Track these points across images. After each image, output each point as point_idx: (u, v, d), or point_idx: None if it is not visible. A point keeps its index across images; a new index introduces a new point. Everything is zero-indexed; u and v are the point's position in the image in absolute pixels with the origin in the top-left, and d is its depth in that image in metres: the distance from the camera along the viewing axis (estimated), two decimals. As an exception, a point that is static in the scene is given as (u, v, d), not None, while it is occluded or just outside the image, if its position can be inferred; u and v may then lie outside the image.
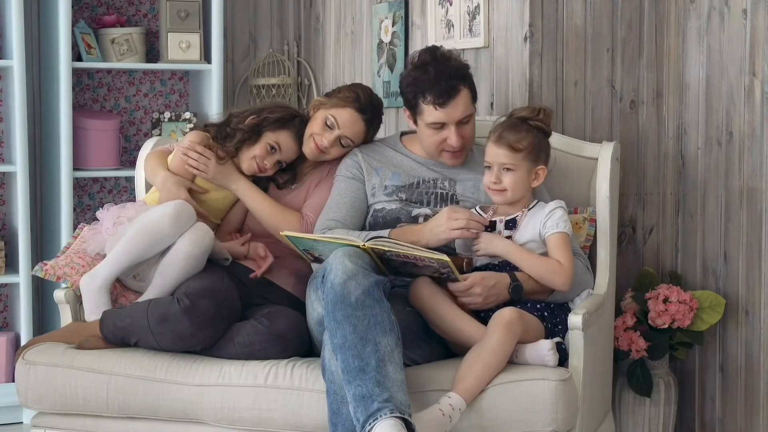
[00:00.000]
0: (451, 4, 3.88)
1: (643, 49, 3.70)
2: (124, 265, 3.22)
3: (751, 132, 3.42)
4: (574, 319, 2.91)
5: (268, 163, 3.42)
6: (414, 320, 3.00)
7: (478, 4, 3.72)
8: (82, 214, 4.75)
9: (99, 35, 4.62)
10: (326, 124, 3.38)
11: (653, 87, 3.72)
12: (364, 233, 3.14)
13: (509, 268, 3.05)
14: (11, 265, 4.49)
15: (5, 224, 4.63)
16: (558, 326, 3.02)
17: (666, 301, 3.49)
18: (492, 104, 3.71)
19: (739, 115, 3.47)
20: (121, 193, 4.84)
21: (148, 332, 3.09)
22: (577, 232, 3.30)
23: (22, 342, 4.32)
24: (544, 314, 3.02)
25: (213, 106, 4.55)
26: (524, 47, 3.55)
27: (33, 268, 3.77)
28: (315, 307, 3.06)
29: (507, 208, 3.12)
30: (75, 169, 4.45)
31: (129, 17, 4.79)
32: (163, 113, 4.69)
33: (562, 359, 2.92)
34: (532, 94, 3.55)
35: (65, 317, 3.31)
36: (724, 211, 3.55)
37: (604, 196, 3.30)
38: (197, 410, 3.03)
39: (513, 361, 2.90)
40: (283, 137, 3.42)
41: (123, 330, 3.13)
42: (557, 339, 2.93)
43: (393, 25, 4.24)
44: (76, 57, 4.54)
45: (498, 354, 2.85)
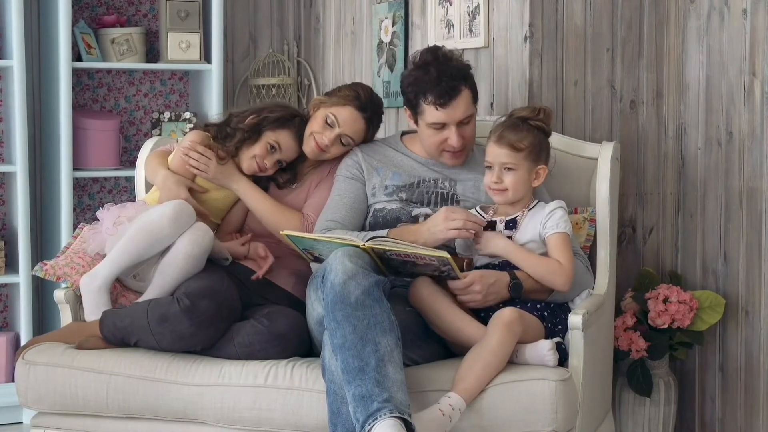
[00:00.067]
0: (451, 4, 3.88)
1: (643, 49, 3.70)
2: (124, 265, 3.22)
3: (751, 132, 3.42)
4: (574, 319, 2.91)
5: (268, 163, 3.42)
6: (414, 320, 3.00)
7: (478, 4, 3.72)
8: (82, 214, 4.75)
9: (99, 35, 4.62)
10: (326, 123, 3.38)
11: (653, 87, 3.72)
12: (364, 233, 3.14)
13: (510, 268, 3.05)
14: (11, 265, 4.49)
15: (5, 224, 4.63)
16: (558, 326, 3.02)
17: (666, 301, 3.48)
18: (492, 104, 3.71)
19: (739, 115, 3.47)
20: (121, 193, 4.84)
21: (148, 332, 3.09)
22: (577, 232, 3.30)
23: (22, 342, 4.32)
24: (544, 314, 3.02)
25: (213, 106, 4.55)
26: (524, 47, 3.55)
27: (33, 268, 3.77)
28: (315, 307, 3.06)
29: (507, 209, 3.12)
30: (75, 169, 4.45)
31: (129, 17, 4.79)
32: (163, 113, 4.69)
33: (562, 359, 2.91)
34: (532, 94, 3.54)
35: (65, 317, 3.31)
36: (724, 211, 3.55)
37: (604, 196, 3.30)
38: (197, 410, 3.03)
39: (513, 361, 2.90)
40: (283, 136, 3.42)
41: (123, 330, 3.13)
42: (557, 339, 2.93)
43: (393, 25, 4.24)
44: (76, 57, 4.54)
45: (498, 354, 2.85)
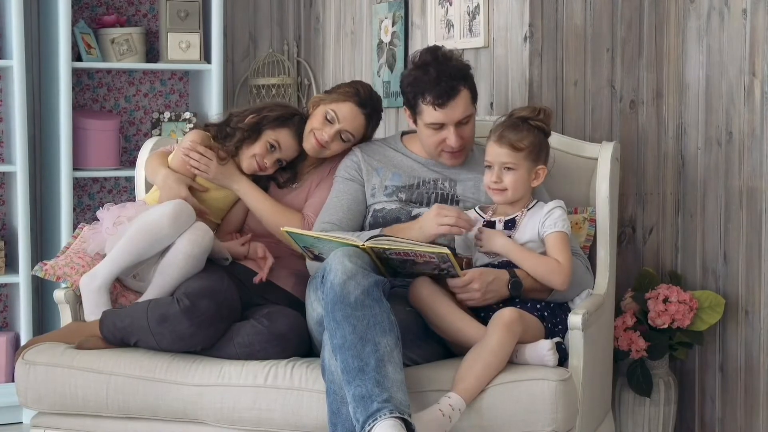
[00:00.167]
0: (451, 4, 3.88)
1: (643, 49, 3.70)
2: (124, 264, 3.22)
3: (751, 132, 3.42)
4: (574, 319, 2.91)
5: (268, 162, 3.42)
6: (414, 320, 2.99)
7: (478, 4, 3.72)
8: (82, 214, 4.74)
9: (99, 35, 4.62)
10: (326, 119, 3.38)
11: (653, 87, 3.72)
12: (362, 233, 3.14)
13: (509, 268, 3.05)
14: (11, 265, 4.49)
15: (5, 224, 4.63)
16: (558, 326, 3.02)
17: (666, 301, 3.48)
18: (492, 104, 3.71)
19: (738, 115, 3.46)
20: (121, 193, 4.84)
21: (147, 332, 3.09)
22: (577, 232, 3.30)
23: (22, 342, 4.32)
24: (544, 314, 3.02)
25: (213, 106, 4.55)
26: (524, 47, 3.55)
27: (33, 268, 3.77)
28: (315, 308, 3.06)
29: (506, 208, 3.12)
30: (75, 169, 4.45)
31: (129, 17, 4.79)
32: (162, 113, 4.69)
33: (562, 359, 2.91)
34: (532, 94, 3.54)
35: (65, 317, 3.31)
36: (724, 211, 3.55)
37: (603, 196, 3.30)
38: (197, 410, 3.03)
39: (513, 361, 2.90)
40: (283, 135, 3.42)
41: (123, 330, 3.13)
42: (557, 339, 2.93)
43: (393, 25, 4.24)
44: (76, 57, 4.54)
45: (498, 354, 2.85)
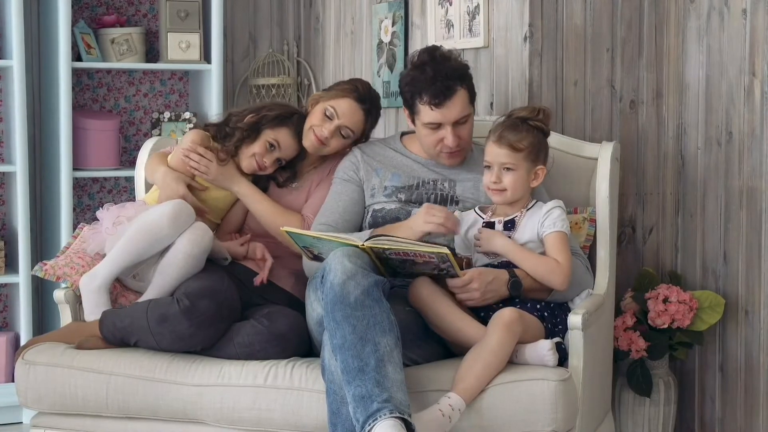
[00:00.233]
0: (450, 4, 3.87)
1: (642, 49, 3.70)
2: (124, 264, 3.22)
3: (751, 132, 3.42)
4: (574, 319, 2.91)
5: (267, 161, 3.42)
6: (413, 320, 2.99)
7: (478, 4, 3.72)
8: (82, 214, 4.74)
9: (99, 35, 4.62)
10: (325, 115, 3.38)
11: (653, 87, 3.72)
12: (362, 233, 3.14)
13: (509, 268, 3.05)
14: (11, 265, 4.49)
15: (5, 224, 4.63)
16: (558, 326, 3.02)
17: (666, 301, 3.48)
18: (492, 104, 3.70)
19: (738, 115, 3.46)
20: (121, 193, 4.84)
21: (147, 332, 3.09)
22: (576, 232, 3.30)
23: (22, 342, 4.32)
24: (544, 314, 3.02)
25: (213, 106, 4.55)
26: (524, 47, 3.55)
27: (33, 268, 3.77)
28: (314, 308, 3.06)
29: (506, 209, 3.12)
30: (75, 169, 4.45)
31: (129, 17, 4.79)
32: (162, 113, 4.69)
33: (562, 359, 2.91)
34: (531, 94, 3.54)
35: (65, 317, 3.31)
36: (723, 211, 3.54)
37: (603, 196, 3.30)
38: (197, 410, 3.03)
39: (513, 361, 2.90)
40: (282, 134, 3.42)
41: (123, 330, 3.13)
42: (557, 339, 2.93)
43: (393, 25, 4.24)
44: (76, 57, 4.54)
45: (498, 354, 2.85)
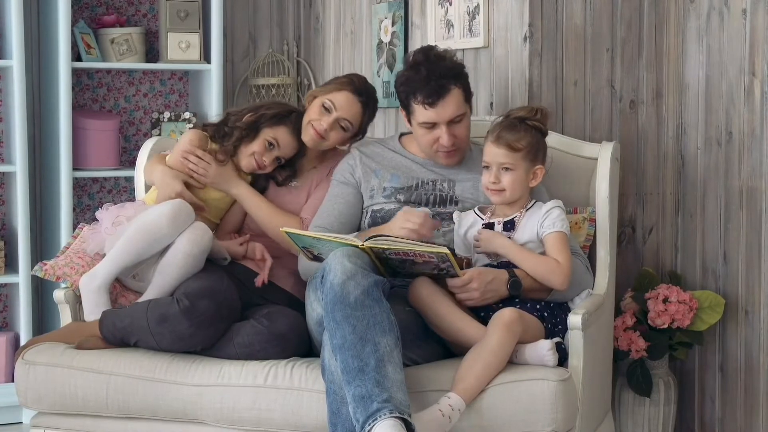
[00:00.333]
0: (450, 4, 3.87)
1: (642, 49, 3.70)
2: (123, 264, 3.22)
3: (751, 132, 3.42)
4: (574, 319, 2.91)
5: (266, 160, 3.42)
6: (413, 320, 2.99)
7: (478, 4, 3.72)
8: (82, 214, 4.74)
9: (98, 35, 4.61)
10: (324, 108, 3.38)
11: (653, 87, 3.72)
12: (360, 233, 3.14)
13: (509, 268, 3.05)
14: (11, 265, 4.49)
15: (5, 224, 4.63)
16: (558, 326, 3.02)
17: (666, 301, 3.48)
18: (492, 104, 3.70)
19: (738, 115, 3.46)
20: (121, 193, 4.84)
21: (147, 332, 3.09)
22: (576, 231, 3.30)
23: (22, 342, 4.31)
24: (544, 314, 3.02)
25: (213, 106, 4.54)
26: (524, 47, 3.55)
27: (33, 268, 3.77)
28: (314, 308, 3.06)
29: (505, 209, 3.12)
30: (75, 169, 4.44)
31: (129, 17, 4.79)
32: (162, 113, 4.69)
33: (562, 359, 2.91)
34: (531, 94, 3.54)
35: (65, 317, 3.31)
36: (723, 211, 3.54)
37: (603, 196, 3.30)
38: (197, 410, 3.03)
39: (513, 361, 2.90)
40: (281, 133, 3.43)
41: (122, 330, 3.13)
42: (557, 339, 2.93)
43: (393, 25, 4.24)
44: (76, 57, 4.53)
45: (498, 354, 2.85)
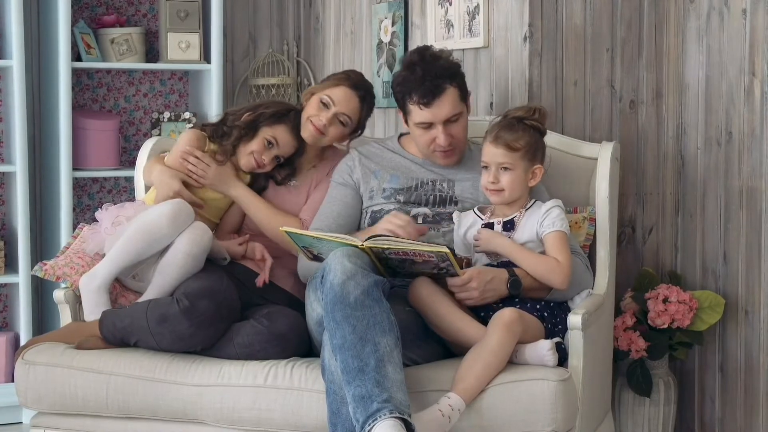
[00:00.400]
0: (450, 4, 3.87)
1: (642, 49, 3.70)
2: (123, 264, 3.22)
3: (751, 132, 3.42)
4: (574, 319, 2.91)
5: (266, 158, 3.43)
6: (413, 320, 2.99)
7: (478, 4, 3.72)
8: (82, 214, 4.74)
9: (98, 35, 4.62)
10: (322, 103, 3.39)
11: (653, 87, 3.72)
12: (360, 233, 3.14)
13: (509, 267, 3.05)
14: (11, 265, 4.49)
15: (5, 224, 4.63)
16: (558, 326, 3.02)
17: (665, 301, 3.48)
18: (492, 104, 3.70)
19: (738, 115, 3.46)
20: (121, 193, 4.84)
21: (147, 333, 3.09)
22: (576, 231, 3.30)
23: (22, 342, 4.32)
24: (544, 314, 3.02)
25: (212, 106, 4.54)
26: (524, 47, 3.55)
27: (33, 268, 3.77)
28: (314, 308, 3.05)
29: (504, 209, 3.12)
30: (75, 169, 4.44)
31: (128, 17, 4.79)
32: (162, 113, 4.69)
33: (562, 359, 2.91)
34: (531, 94, 3.54)
35: (65, 317, 3.31)
36: (723, 211, 3.54)
37: (603, 196, 3.30)
38: (197, 410, 3.03)
39: (513, 361, 2.90)
40: (280, 131, 3.43)
41: (122, 330, 3.13)
42: (557, 339, 2.93)
43: (393, 25, 4.24)
44: (76, 57, 4.53)
45: (498, 354, 2.85)
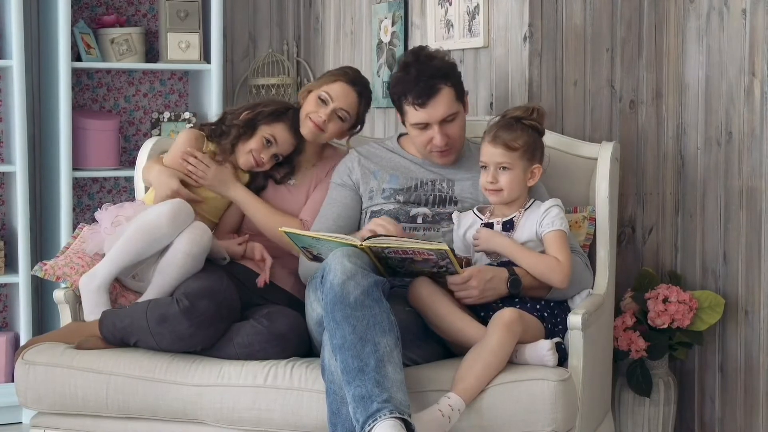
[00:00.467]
0: (450, 4, 3.87)
1: (642, 49, 3.70)
2: (123, 264, 3.22)
3: (751, 132, 3.42)
4: (574, 319, 2.91)
5: (264, 157, 3.43)
6: (413, 320, 2.99)
7: (478, 4, 3.72)
8: (82, 214, 4.74)
9: (98, 35, 4.62)
10: (320, 100, 3.39)
11: (653, 87, 3.72)
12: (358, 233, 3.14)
13: (509, 266, 3.05)
14: (11, 265, 4.49)
15: (5, 224, 4.63)
16: (558, 326, 3.02)
17: (665, 301, 3.48)
18: (492, 104, 3.70)
19: (738, 115, 3.46)
20: (121, 193, 4.84)
21: (147, 333, 3.09)
22: (576, 230, 3.30)
23: (22, 342, 4.32)
24: (544, 314, 3.02)
25: (212, 107, 4.54)
26: (524, 47, 3.55)
27: (33, 268, 3.77)
28: (314, 308, 3.06)
29: (503, 209, 3.12)
30: (74, 169, 4.44)
31: (128, 17, 4.79)
32: (162, 113, 4.69)
33: (562, 359, 2.91)
34: (531, 94, 3.54)
35: (65, 317, 3.31)
36: (723, 211, 3.54)
37: (603, 196, 3.30)
38: (197, 410, 3.03)
39: (513, 361, 2.90)
40: (278, 130, 3.43)
41: (122, 330, 3.13)
42: (557, 339, 2.93)
43: (392, 25, 4.24)
44: (76, 57, 4.53)
45: (498, 354, 2.85)
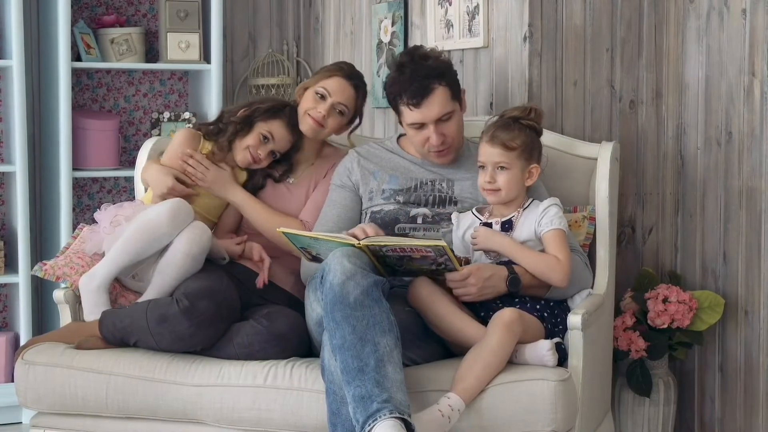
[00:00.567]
0: (450, 4, 3.87)
1: (642, 49, 3.70)
2: (123, 264, 3.22)
3: (751, 132, 3.42)
4: (574, 319, 2.91)
5: (261, 153, 3.43)
6: (413, 320, 3.00)
7: (478, 4, 3.72)
8: (82, 214, 4.74)
9: (98, 35, 4.62)
10: (318, 95, 3.40)
11: (653, 87, 3.72)
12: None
13: (508, 265, 3.05)
14: (11, 265, 4.49)
15: (5, 224, 4.63)
16: (558, 326, 3.02)
17: (665, 301, 3.48)
18: (491, 104, 3.70)
19: (738, 115, 3.46)
20: (121, 193, 4.84)
21: (147, 333, 3.09)
22: (576, 230, 3.30)
23: (22, 342, 4.32)
24: (544, 314, 3.02)
25: (212, 106, 4.54)
26: (523, 47, 3.55)
27: (32, 268, 3.77)
28: (314, 308, 3.06)
29: (502, 209, 3.12)
30: (74, 169, 4.45)
31: (128, 17, 4.79)
32: (162, 113, 4.69)
33: (562, 359, 2.92)
34: (531, 94, 3.54)
35: (64, 317, 3.31)
36: (723, 211, 3.55)
37: (603, 196, 3.30)
38: (196, 410, 3.03)
39: (513, 361, 2.90)
40: (275, 126, 3.43)
41: (122, 330, 3.13)
42: (557, 339, 2.93)
43: (392, 25, 4.24)
44: (76, 57, 4.53)
45: (498, 354, 2.85)
